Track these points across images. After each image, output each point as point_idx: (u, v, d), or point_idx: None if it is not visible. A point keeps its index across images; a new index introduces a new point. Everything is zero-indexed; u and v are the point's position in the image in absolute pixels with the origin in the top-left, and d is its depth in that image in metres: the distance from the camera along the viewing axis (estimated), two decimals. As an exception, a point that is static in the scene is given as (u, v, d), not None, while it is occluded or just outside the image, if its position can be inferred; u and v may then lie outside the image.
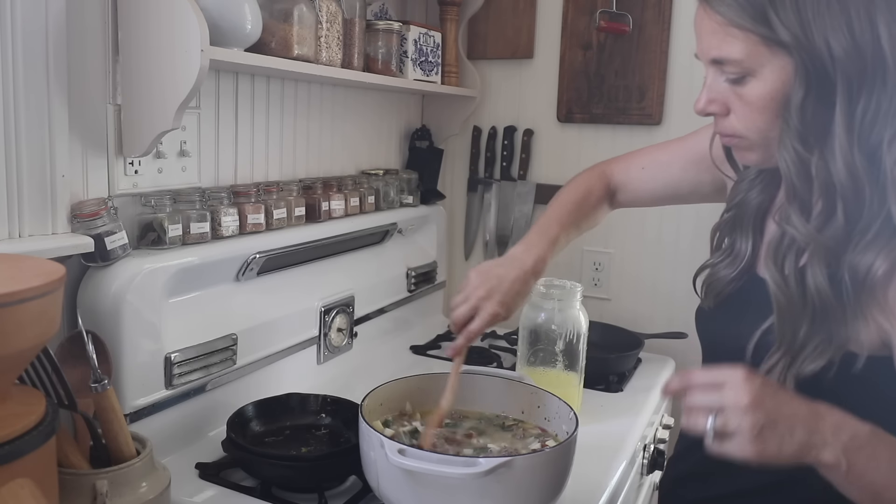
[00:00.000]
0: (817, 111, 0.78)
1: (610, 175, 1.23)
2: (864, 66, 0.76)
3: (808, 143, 0.79)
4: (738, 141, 0.87)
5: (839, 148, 0.77)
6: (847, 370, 0.81)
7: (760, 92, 0.81)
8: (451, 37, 1.86)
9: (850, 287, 0.79)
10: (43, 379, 0.87)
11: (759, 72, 0.80)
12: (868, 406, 0.83)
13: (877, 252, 0.77)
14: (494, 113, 1.99)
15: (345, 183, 1.59)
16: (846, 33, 0.75)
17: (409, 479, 0.89)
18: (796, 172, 0.81)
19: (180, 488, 1.03)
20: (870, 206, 0.78)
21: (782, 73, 0.79)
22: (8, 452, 0.72)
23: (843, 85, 0.76)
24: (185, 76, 1.02)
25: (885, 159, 0.77)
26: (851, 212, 0.79)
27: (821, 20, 0.76)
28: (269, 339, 1.34)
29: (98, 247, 1.04)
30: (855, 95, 0.77)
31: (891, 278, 0.78)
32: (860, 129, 0.77)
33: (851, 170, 0.77)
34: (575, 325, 1.31)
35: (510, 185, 1.98)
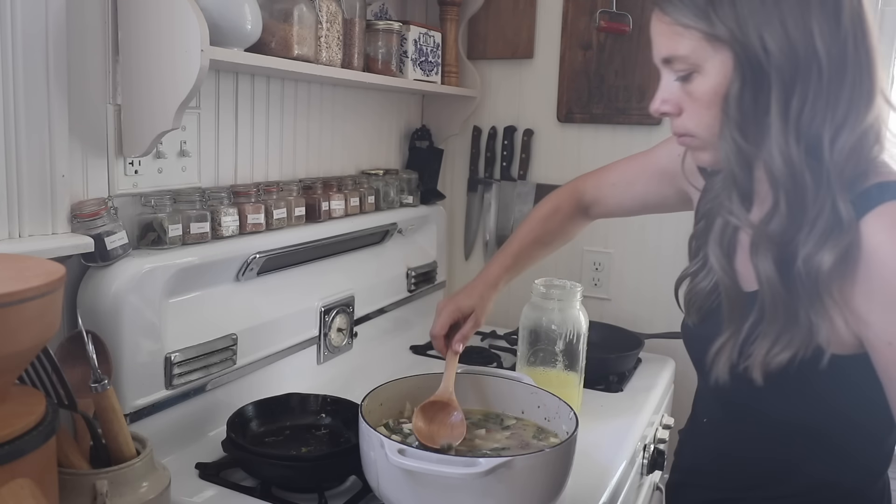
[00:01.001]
0: (754, 103, 0.81)
1: (583, 191, 1.28)
2: (798, 62, 0.79)
3: (747, 133, 0.82)
4: (691, 140, 0.90)
5: (775, 139, 0.80)
6: (816, 365, 0.82)
7: (706, 87, 0.84)
8: (451, 37, 1.86)
9: (804, 280, 0.81)
10: (43, 379, 0.87)
11: (703, 67, 0.83)
12: (839, 403, 0.85)
13: (822, 244, 0.79)
14: (494, 113, 1.99)
15: (345, 183, 1.59)
16: (780, 30, 0.78)
17: (409, 479, 0.89)
18: (736, 161, 0.84)
19: (180, 488, 1.03)
20: (813, 198, 0.80)
21: (724, 68, 0.82)
22: (8, 452, 0.72)
23: (777, 79, 0.79)
24: (185, 76, 1.02)
25: (826, 153, 0.79)
26: (793, 203, 0.81)
27: (756, 17, 0.79)
28: (269, 339, 1.34)
29: (98, 247, 1.04)
30: (789, 90, 0.79)
31: (839, 274, 0.79)
32: (796, 122, 0.80)
33: (787, 161, 0.80)
34: (575, 325, 1.31)
35: (510, 185, 1.98)
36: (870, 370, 0.80)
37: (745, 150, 0.83)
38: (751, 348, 0.85)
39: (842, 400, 0.85)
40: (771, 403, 0.89)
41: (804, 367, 0.82)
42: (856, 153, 0.79)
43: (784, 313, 0.82)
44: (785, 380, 0.84)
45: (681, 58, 0.84)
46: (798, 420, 0.89)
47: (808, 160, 0.79)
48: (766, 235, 0.82)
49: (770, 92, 0.80)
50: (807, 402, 0.87)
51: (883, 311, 0.77)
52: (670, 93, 0.88)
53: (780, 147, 0.80)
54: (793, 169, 0.80)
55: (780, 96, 0.79)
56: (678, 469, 1.09)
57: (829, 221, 0.79)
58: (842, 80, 0.79)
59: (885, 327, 0.77)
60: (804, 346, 0.82)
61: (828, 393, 0.85)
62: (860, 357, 0.81)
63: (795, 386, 0.85)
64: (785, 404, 0.88)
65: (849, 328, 0.81)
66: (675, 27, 0.84)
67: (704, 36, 0.82)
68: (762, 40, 0.79)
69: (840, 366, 0.82)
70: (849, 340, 0.81)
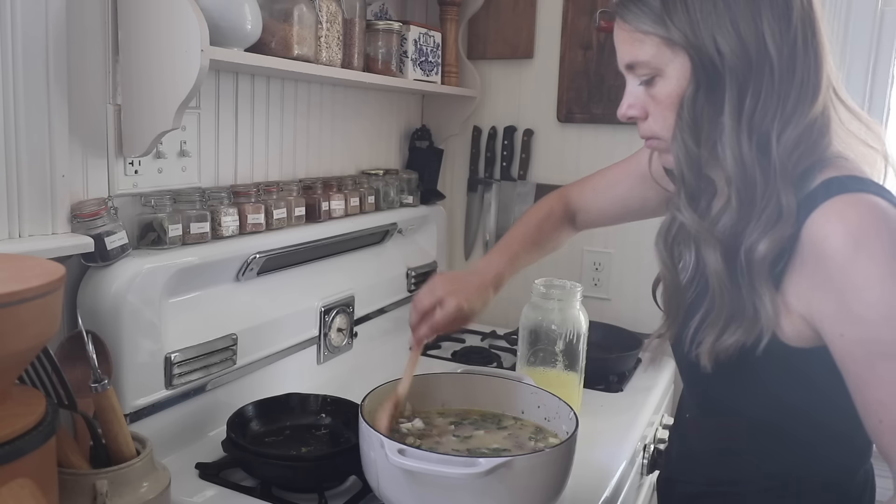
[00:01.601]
0: (708, 104, 0.83)
1: (568, 198, 1.28)
2: (750, 63, 0.81)
3: (698, 135, 0.84)
4: (658, 143, 0.92)
5: (728, 139, 0.82)
6: (771, 355, 0.83)
7: (667, 90, 0.86)
8: (451, 37, 1.86)
9: (745, 269, 0.83)
10: (43, 379, 0.87)
11: (664, 71, 0.85)
12: (795, 399, 0.86)
13: (763, 235, 0.81)
14: (494, 113, 1.99)
15: (345, 183, 1.59)
16: (732, 33, 0.80)
17: (409, 479, 0.89)
18: (685, 162, 0.86)
19: (180, 488, 1.03)
20: (762, 193, 0.82)
21: (683, 71, 0.84)
22: (8, 452, 0.72)
23: (731, 80, 0.81)
24: (185, 76, 1.02)
25: (773, 149, 0.81)
26: (744, 198, 0.83)
27: (708, 20, 0.81)
28: (269, 339, 1.34)
29: (98, 247, 1.04)
30: (742, 90, 0.81)
31: (776, 263, 0.82)
32: (749, 121, 0.82)
33: (738, 159, 0.82)
34: (575, 325, 1.31)
35: (510, 185, 1.98)
36: (828, 364, 0.81)
37: (693, 153, 0.85)
38: (700, 336, 0.88)
39: (799, 396, 0.86)
40: (729, 398, 0.92)
41: (755, 359, 0.84)
42: (800, 146, 0.81)
43: (730, 303, 0.85)
44: (737, 370, 0.86)
45: (642, 63, 0.87)
46: (757, 415, 0.90)
47: (758, 157, 0.82)
48: (715, 232, 0.85)
49: (724, 93, 0.82)
50: (762, 398, 0.88)
51: (832, 303, 0.78)
52: (636, 97, 0.90)
53: (732, 147, 0.82)
54: (744, 167, 0.82)
55: (734, 97, 0.82)
56: (666, 465, 1.10)
57: (773, 213, 0.81)
58: (792, 78, 0.81)
59: (836, 319, 0.78)
60: (749, 332, 0.84)
61: (784, 388, 0.86)
62: (818, 350, 0.81)
63: (749, 380, 0.87)
64: (742, 399, 0.90)
65: (802, 320, 0.82)
66: (635, 34, 0.86)
67: (662, 41, 0.84)
68: (715, 43, 0.81)
69: (796, 359, 0.83)
70: (805, 333, 0.82)
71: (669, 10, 0.82)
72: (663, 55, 0.84)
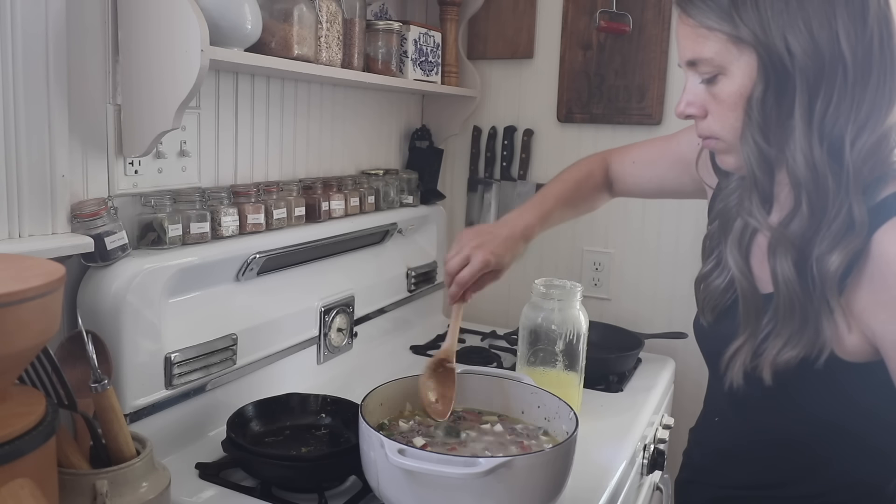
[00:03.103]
0: (778, 105, 0.81)
1: (609, 163, 1.28)
2: (823, 64, 0.78)
3: (768, 135, 0.82)
4: (716, 143, 0.89)
5: (798, 142, 0.80)
6: (826, 370, 0.82)
7: (731, 89, 0.83)
8: (451, 37, 1.86)
9: (817, 280, 0.81)
10: (43, 379, 0.87)
11: (728, 69, 0.83)
12: (854, 401, 0.84)
13: (834, 246, 0.79)
14: (494, 113, 1.99)
15: (345, 183, 1.59)
16: (804, 32, 0.78)
17: (408, 479, 0.89)
18: (757, 164, 0.84)
19: (180, 488, 1.03)
20: (833, 199, 0.79)
21: (749, 70, 0.81)
22: (8, 452, 0.72)
23: (801, 81, 0.79)
24: (185, 76, 1.02)
25: (847, 155, 0.79)
26: (815, 205, 0.81)
27: (780, 19, 0.78)
28: (269, 339, 1.34)
29: (98, 247, 1.04)
30: (813, 92, 0.79)
31: (847, 277, 0.80)
32: (820, 124, 0.79)
33: (810, 163, 0.80)
34: (575, 325, 1.31)
35: (510, 185, 1.98)
36: (877, 380, 0.80)
37: (767, 153, 0.82)
38: (762, 347, 0.85)
39: (859, 399, 0.84)
40: (782, 403, 0.89)
41: (814, 367, 0.82)
42: (874, 155, 0.79)
43: (799, 315, 0.82)
44: (796, 380, 0.84)
45: (706, 60, 0.84)
46: (812, 418, 0.88)
47: (830, 163, 0.79)
48: (786, 238, 0.82)
49: (794, 94, 0.79)
50: (822, 401, 0.86)
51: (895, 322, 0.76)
52: (695, 95, 0.87)
53: (804, 150, 0.79)
54: (815, 172, 0.79)
55: (805, 98, 0.79)
56: (687, 467, 1.09)
57: (844, 223, 0.79)
58: (866, 81, 0.78)
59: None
60: (810, 346, 0.82)
61: (844, 393, 0.85)
62: (870, 366, 0.80)
63: (806, 386, 0.85)
64: (797, 404, 0.88)
65: (862, 334, 0.80)
66: (700, 29, 0.83)
67: (729, 38, 0.81)
68: (786, 42, 0.78)
69: (853, 370, 0.82)
70: (863, 348, 0.81)
71: (738, 7, 0.80)
72: (728, 53, 0.82)
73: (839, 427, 0.87)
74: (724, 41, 0.82)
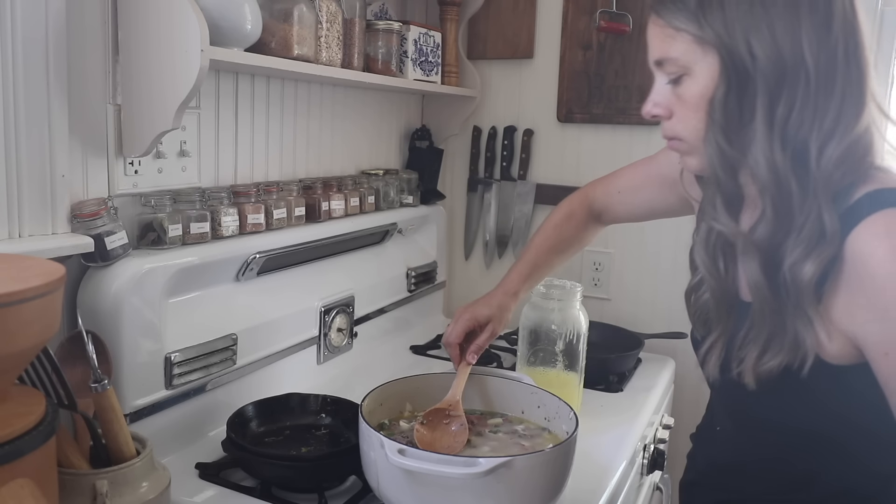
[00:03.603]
0: (739, 108, 0.81)
1: (593, 198, 1.29)
2: (785, 69, 0.78)
3: (730, 137, 0.82)
4: (680, 144, 0.90)
5: (760, 145, 0.80)
6: (812, 373, 0.82)
7: (694, 90, 0.84)
8: (451, 37, 1.86)
9: (790, 288, 0.81)
10: (43, 379, 0.87)
11: (693, 70, 0.83)
12: (843, 409, 0.84)
13: (807, 254, 0.79)
14: (494, 113, 1.99)
15: (345, 183, 1.59)
16: (767, 36, 0.78)
17: (409, 479, 0.89)
18: (720, 166, 0.84)
19: (180, 488, 1.03)
20: (800, 205, 0.80)
21: (712, 71, 0.82)
22: (8, 452, 0.72)
23: (762, 84, 0.79)
24: (185, 76, 1.02)
25: (813, 162, 0.79)
26: (779, 209, 0.81)
27: (744, 22, 0.79)
28: (269, 339, 1.34)
29: (98, 247, 1.04)
30: (775, 96, 0.79)
31: (821, 283, 0.80)
32: (782, 129, 0.79)
33: (772, 167, 0.80)
34: (575, 325, 1.31)
35: (510, 185, 1.98)
36: (871, 380, 0.79)
37: (729, 155, 0.83)
38: (742, 353, 0.86)
39: (846, 406, 0.84)
40: (772, 411, 0.89)
41: (799, 375, 0.82)
42: (844, 163, 0.79)
43: (771, 319, 0.83)
44: (783, 387, 0.84)
45: (671, 60, 0.85)
46: (806, 428, 0.88)
47: (794, 167, 0.79)
48: (753, 241, 0.83)
49: (756, 97, 0.80)
50: (810, 409, 0.86)
51: (877, 321, 0.76)
52: (662, 96, 0.88)
53: (765, 153, 0.80)
54: (777, 175, 0.80)
55: (766, 102, 0.79)
56: (691, 469, 1.09)
57: (814, 231, 0.79)
58: (831, 89, 0.79)
59: (881, 338, 0.76)
60: (793, 353, 0.82)
61: (831, 400, 0.84)
62: (861, 367, 0.80)
63: (794, 393, 0.85)
64: (788, 411, 0.88)
65: (845, 338, 0.80)
66: (668, 30, 0.84)
67: (694, 39, 0.82)
68: (749, 45, 0.79)
69: (841, 374, 0.82)
70: (847, 350, 0.80)
71: (705, 8, 0.81)
72: (693, 53, 0.82)
73: (831, 438, 0.86)
74: (689, 42, 0.83)
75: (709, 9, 0.80)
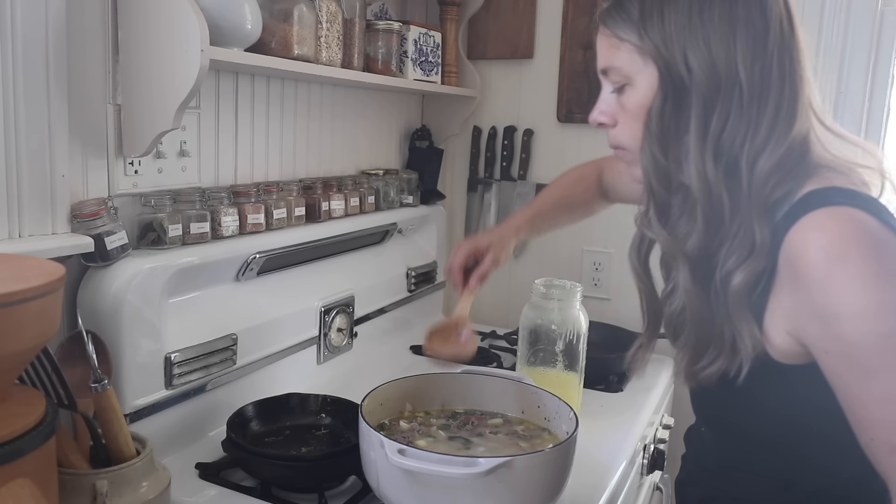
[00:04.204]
0: (675, 119, 0.83)
1: (602, 170, 1.32)
2: (719, 83, 0.80)
3: (666, 148, 0.84)
4: (623, 153, 0.91)
5: (693, 157, 0.81)
6: (767, 374, 0.82)
7: (634, 99, 0.86)
8: (451, 37, 1.86)
9: (721, 297, 0.83)
10: (43, 379, 0.87)
11: (634, 80, 0.86)
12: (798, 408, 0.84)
13: (737, 265, 0.81)
14: (494, 113, 1.99)
15: (345, 183, 1.59)
16: (704, 50, 0.80)
17: (409, 479, 0.89)
18: (654, 175, 0.86)
19: (180, 488, 1.03)
20: (731, 217, 0.81)
21: (651, 82, 0.84)
22: (8, 452, 0.72)
23: (697, 97, 0.81)
24: (185, 76, 1.02)
25: (744, 177, 0.81)
26: (710, 220, 0.82)
27: (681, 34, 0.81)
28: (269, 339, 1.34)
29: (98, 247, 1.04)
30: (709, 109, 0.81)
31: (750, 292, 0.81)
32: (715, 142, 0.81)
33: (703, 179, 0.81)
34: (575, 325, 1.31)
35: (510, 185, 1.98)
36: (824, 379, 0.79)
37: (663, 166, 0.84)
38: (678, 357, 0.89)
39: (801, 411, 0.84)
40: (732, 416, 0.91)
41: (750, 380, 0.83)
42: (776, 175, 0.80)
43: (702, 326, 0.85)
44: (736, 392, 0.85)
45: (615, 69, 0.87)
46: (763, 432, 0.89)
47: (726, 180, 0.81)
48: (684, 251, 0.85)
49: (691, 110, 0.81)
50: (766, 415, 0.87)
51: (814, 320, 0.76)
52: (607, 104, 0.90)
53: (698, 165, 0.81)
54: (709, 188, 0.81)
55: (700, 114, 0.81)
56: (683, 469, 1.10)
57: (745, 243, 0.80)
58: (763, 105, 0.80)
59: (820, 336, 0.77)
60: (730, 360, 0.83)
61: (785, 405, 0.85)
62: (812, 366, 0.80)
63: (749, 398, 0.86)
64: (745, 417, 0.89)
65: (792, 339, 0.80)
66: (613, 39, 0.87)
67: (636, 49, 0.84)
68: (686, 58, 0.81)
69: (793, 376, 0.82)
70: (796, 350, 0.80)
71: (646, 20, 0.83)
72: (634, 63, 0.85)
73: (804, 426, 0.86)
74: (631, 52, 0.85)
75: (650, 21, 0.83)
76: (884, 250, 0.74)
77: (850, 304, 0.73)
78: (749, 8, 0.80)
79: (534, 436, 1.09)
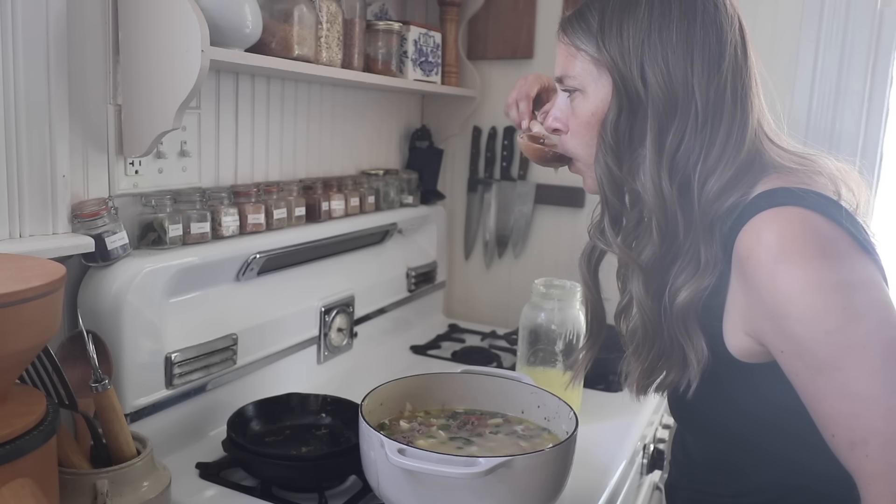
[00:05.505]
0: (630, 131, 0.84)
1: None
2: (676, 100, 0.81)
3: (620, 160, 0.85)
4: (577, 165, 0.93)
5: (648, 170, 0.83)
6: (734, 374, 0.83)
7: (586, 107, 0.88)
8: (451, 37, 1.86)
9: (668, 311, 0.84)
10: (43, 379, 0.87)
11: (588, 88, 0.87)
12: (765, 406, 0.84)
13: (685, 281, 0.82)
14: (494, 113, 1.99)
15: (345, 183, 1.59)
16: (661, 66, 0.81)
17: (409, 478, 0.89)
18: (608, 186, 0.87)
19: (180, 488, 1.03)
20: (685, 232, 0.82)
21: (605, 93, 0.85)
22: (8, 452, 0.72)
23: (653, 111, 0.82)
24: (186, 76, 1.02)
25: (695, 196, 0.82)
26: (665, 233, 0.83)
27: (639, 49, 0.82)
28: (269, 339, 1.34)
29: (98, 247, 1.04)
30: (664, 124, 0.82)
31: (693, 310, 0.83)
32: (671, 159, 0.82)
33: (658, 193, 0.82)
34: (575, 325, 1.32)
35: (510, 185, 1.99)
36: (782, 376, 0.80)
37: (617, 177, 0.86)
38: (627, 367, 0.92)
39: (769, 410, 0.84)
40: (703, 415, 0.92)
41: (720, 378, 0.84)
42: (724, 195, 0.81)
43: (653, 337, 0.86)
44: (706, 393, 0.85)
45: (570, 77, 0.89)
46: (735, 430, 0.89)
47: (679, 197, 0.82)
48: (638, 261, 0.86)
49: (646, 123, 0.82)
50: (736, 414, 0.87)
51: (767, 319, 0.77)
52: (562, 111, 0.92)
53: (654, 179, 0.82)
54: (664, 203, 0.82)
55: (655, 128, 0.82)
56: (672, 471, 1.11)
57: (694, 261, 0.82)
58: (717, 126, 0.81)
59: (773, 336, 0.77)
60: (682, 376, 0.85)
61: (753, 404, 0.85)
62: (775, 365, 0.80)
63: (718, 398, 0.87)
64: (716, 416, 0.90)
65: (752, 339, 0.80)
66: (570, 48, 0.88)
67: (592, 59, 0.86)
68: (642, 72, 0.82)
69: (759, 375, 0.82)
70: (757, 349, 0.81)
71: (604, 32, 0.84)
72: (589, 73, 0.86)
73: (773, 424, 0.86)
74: (588, 61, 0.87)
75: (609, 33, 0.84)
76: (829, 248, 0.74)
77: (796, 303, 0.73)
78: (706, 30, 0.82)
79: (534, 435, 1.09)
